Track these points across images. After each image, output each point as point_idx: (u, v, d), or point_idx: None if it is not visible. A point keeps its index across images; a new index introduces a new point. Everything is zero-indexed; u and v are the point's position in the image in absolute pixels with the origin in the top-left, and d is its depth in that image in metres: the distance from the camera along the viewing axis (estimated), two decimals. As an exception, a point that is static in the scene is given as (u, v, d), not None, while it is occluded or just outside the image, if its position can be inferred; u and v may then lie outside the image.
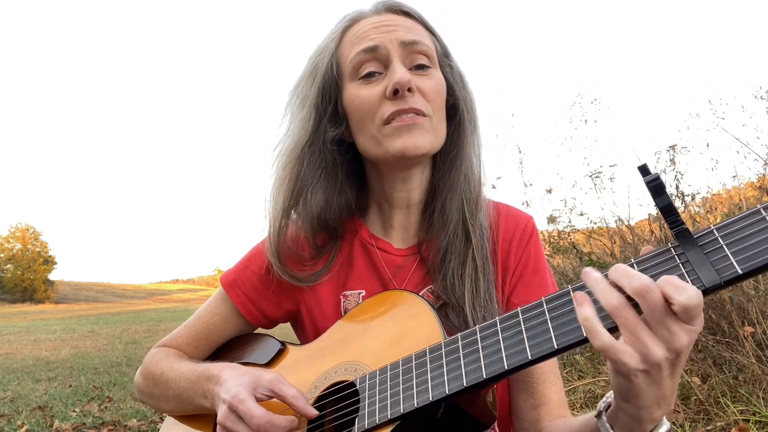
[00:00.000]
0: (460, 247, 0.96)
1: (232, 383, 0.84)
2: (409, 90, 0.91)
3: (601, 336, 0.57)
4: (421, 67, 0.95)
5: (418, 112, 0.92)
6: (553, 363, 0.96)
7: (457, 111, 1.01)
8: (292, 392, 0.83)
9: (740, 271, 0.55)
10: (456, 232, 0.97)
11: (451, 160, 0.99)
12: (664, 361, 0.57)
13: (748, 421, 2.37)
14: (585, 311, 0.58)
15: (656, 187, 0.59)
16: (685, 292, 0.54)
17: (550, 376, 0.95)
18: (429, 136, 0.93)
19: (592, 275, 0.60)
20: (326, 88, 0.98)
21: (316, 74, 0.99)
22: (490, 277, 0.95)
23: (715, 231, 0.58)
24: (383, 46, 0.93)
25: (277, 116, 1.06)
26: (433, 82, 0.95)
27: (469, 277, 0.93)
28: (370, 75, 0.94)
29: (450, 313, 0.92)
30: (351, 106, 0.96)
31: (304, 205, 1.02)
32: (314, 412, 0.82)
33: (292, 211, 1.03)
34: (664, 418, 0.65)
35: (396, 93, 0.91)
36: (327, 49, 0.99)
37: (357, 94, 0.95)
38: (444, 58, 1.01)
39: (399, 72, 0.90)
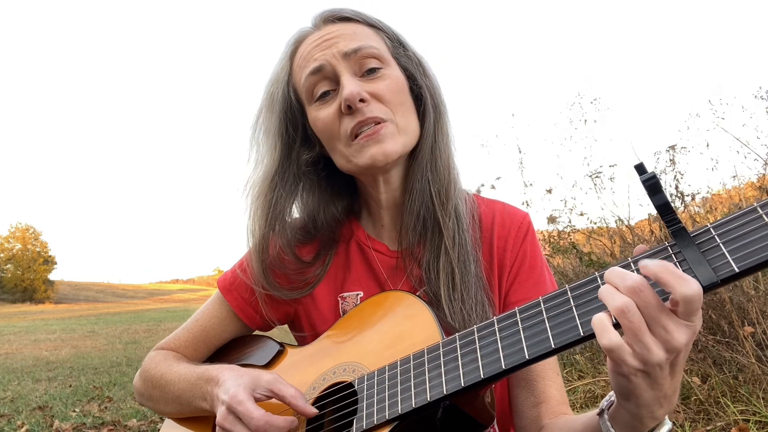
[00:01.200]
0: (433, 240, 0.96)
1: (231, 384, 0.84)
2: (362, 101, 0.90)
3: (610, 334, 0.56)
4: (372, 71, 0.93)
5: (378, 121, 0.91)
6: (553, 360, 0.96)
7: (421, 100, 0.99)
8: (291, 392, 0.82)
9: (737, 270, 0.54)
10: (426, 225, 0.97)
11: (418, 153, 0.98)
12: (664, 362, 0.57)
13: (748, 421, 2.37)
14: (601, 313, 0.58)
15: (652, 186, 0.59)
16: (687, 284, 0.54)
17: (550, 372, 0.94)
18: (399, 139, 0.93)
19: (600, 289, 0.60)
20: (289, 116, 0.99)
21: (274, 105, 0.99)
22: (469, 269, 0.93)
23: (711, 229, 0.58)
24: (327, 64, 0.92)
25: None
26: (387, 83, 0.93)
27: (443, 271, 0.93)
28: (324, 95, 0.94)
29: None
30: (315, 128, 0.98)
31: (282, 228, 1.03)
32: (314, 411, 0.82)
33: (274, 232, 1.03)
34: (666, 417, 0.65)
35: (350, 108, 0.90)
36: (280, 78, 0.99)
37: (317, 116, 0.95)
38: (397, 49, 0.99)
39: (347, 87, 0.90)
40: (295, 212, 1.07)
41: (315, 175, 1.03)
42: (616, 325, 0.58)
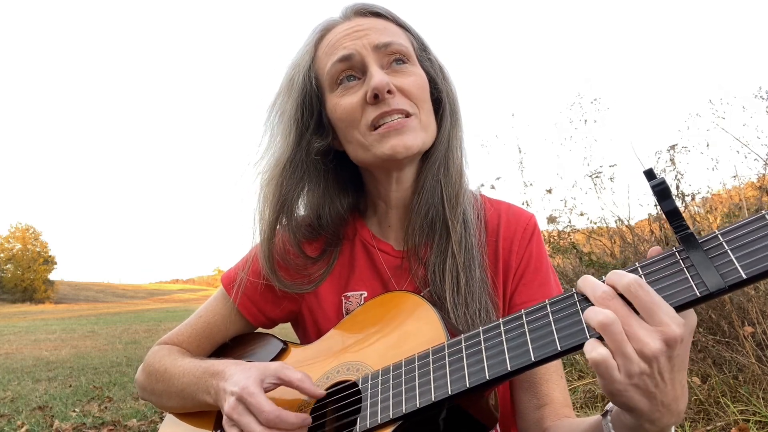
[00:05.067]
0: (441, 243, 0.96)
1: (240, 377, 0.84)
2: (389, 92, 0.90)
3: (599, 348, 0.58)
4: (399, 63, 0.94)
5: (402, 113, 0.91)
6: (557, 363, 0.96)
7: (440, 104, 1.00)
8: (298, 376, 0.83)
9: (745, 276, 0.55)
10: (434, 227, 0.97)
11: (432, 155, 0.98)
12: (647, 371, 0.58)
13: (748, 421, 2.37)
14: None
15: (662, 192, 0.59)
16: (623, 276, 0.59)
17: (553, 375, 0.94)
18: (420, 134, 0.93)
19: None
20: (306, 102, 0.98)
21: (293, 89, 0.99)
22: (474, 273, 0.94)
23: (719, 236, 0.58)
24: (357, 53, 0.92)
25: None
26: (414, 78, 0.94)
27: (449, 274, 0.93)
28: (349, 83, 0.94)
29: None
30: (334, 116, 0.97)
31: (289, 219, 1.03)
32: (321, 393, 0.83)
33: (281, 224, 1.04)
34: (673, 429, 0.64)
35: (376, 97, 0.90)
36: (302, 63, 0.99)
37: (338, 103, 0.95)
38: (422, 52, 1.00)
39: (376, 76, 0.90)
40: (301, 209, 1.07)
41: (323, 166, 1.02)
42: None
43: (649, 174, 0.60)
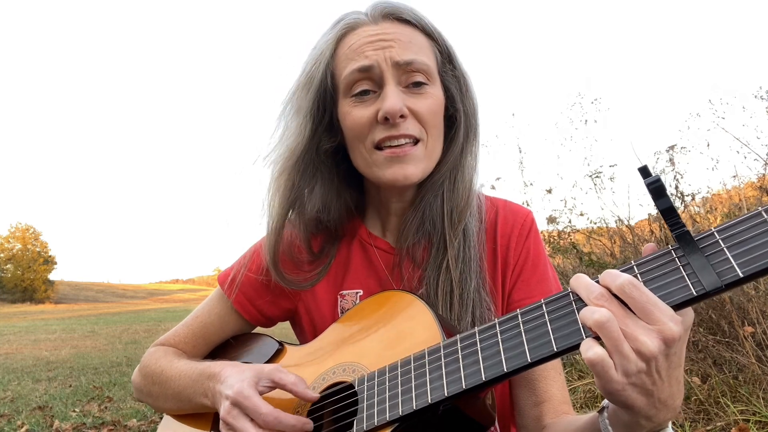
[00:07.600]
0: (437, 257, 0.95)
1: (235, 379, 0.83)
2: (402, 116, 0.89)
3: (595, 348, 0.58)
4: (417, 85, 0.92)
5: (410, 138, 0.90)
6: (555, 359, 0.96)
7: (454, 122, 0.98)
8: (291, 379, 0.82)
9: (741, 275, 0.54)
10: (432, 240, 0.97)
11: (435, 174, 0.97)
12: (645, 369, 0.57)
13: (748, 421, 2.37)
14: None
15: (657, 189, 0.58)
16: (619, 277, 0.59)
17: (551, 372, 0.94)
18: (421, 164, 0.92)
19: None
20: (321, 99, 0.96)
21: (311, 85, 0.97)
22: (469, 286, 0.93)
23: (716, 233, 0.58)
24: (377, 66, 0.90)
25: (271, 117, 1.05)
26: (429, 102, 0.92)
27: (441, 289, 0.93)
28: (363, 93, 0.92)
29: None
30: (344, 123, 0.96)
31: (300, 211, 1.02)
32: (315, 396, 0.83)
33: (289, 217, 1.03)
34: (670, 425, 0.64)
35: (387, 120, 0.89)
36: (322, 59, 0.96)
37: (349, 112, 0.93)
38: (445, 65, 0.98)
39: (391, 98, 0.88)
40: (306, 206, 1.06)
41: (333, 163, 1.02)
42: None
43: (644, 172, 0.59)
